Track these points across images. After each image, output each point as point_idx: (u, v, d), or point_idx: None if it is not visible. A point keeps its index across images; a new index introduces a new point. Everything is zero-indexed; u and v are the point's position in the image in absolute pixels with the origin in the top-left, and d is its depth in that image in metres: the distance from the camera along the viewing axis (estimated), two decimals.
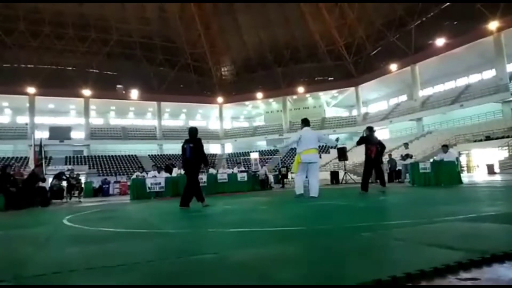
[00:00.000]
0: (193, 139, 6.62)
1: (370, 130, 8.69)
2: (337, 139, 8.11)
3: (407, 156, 15.03)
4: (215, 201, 8.14)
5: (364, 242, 2.42)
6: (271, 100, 52.19)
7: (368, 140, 8.40)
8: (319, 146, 8.66)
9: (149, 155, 43.93)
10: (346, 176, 18.54)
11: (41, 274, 1.91)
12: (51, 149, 37.33)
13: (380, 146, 8.40)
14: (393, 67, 40.17)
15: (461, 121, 34.61)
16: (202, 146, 6.61)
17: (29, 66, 42.06)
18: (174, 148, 46.26)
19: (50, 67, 42.96)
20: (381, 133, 44.50)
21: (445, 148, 11.83)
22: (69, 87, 41.76)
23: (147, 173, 14.72)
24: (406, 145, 16.78)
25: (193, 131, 6.73)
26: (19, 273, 1.98)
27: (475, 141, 28.30)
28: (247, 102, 53.12)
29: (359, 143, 8.79)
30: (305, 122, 7.50)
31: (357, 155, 33.12)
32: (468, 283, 1.38)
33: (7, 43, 39.89)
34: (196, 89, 49.76)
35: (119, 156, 42.82)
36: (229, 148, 53.04)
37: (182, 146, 6.67)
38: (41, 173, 11.56)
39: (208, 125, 55.77)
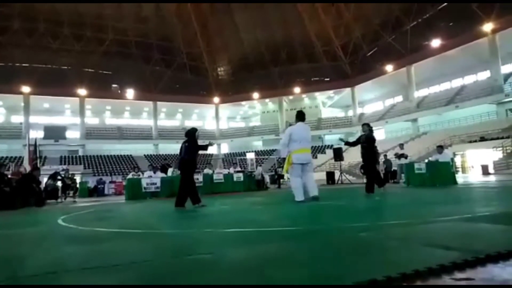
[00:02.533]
0: (190, 138, 6.79)
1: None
2: None
3: (402, 155, 15.10)
4: (211, 201, 8.12)
5: (360, 242, 2.43)
6: (267, 100, 52.22)
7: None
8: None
9: (144, 155, 43.80)
10: (341, 177, 18.59)
11: (36, 274, 1.90)
12: (46, 148, 37.10)
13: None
14: (389, 67, 40.33)
15: (456, 122, 34.83)
16: (195, 141, 6.80)
17: (24, 65, 41.74)
18: (170, 148, 46.15)
19: (45, 66, 42.67)
20: (377, 134, 44.65)
21: (440, 148, 11.89)
22: (64, 86, 41.53)
23: (142, 173, 14.67)
24: (401, 145, 16.92)
25: (188, 131, 6.96)
26: (13, 273, 1.97)
27: (470, 142, 28.47)
28: (243, 102, 53.12)
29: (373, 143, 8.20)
30: (300, 116, 6.45)
31: (353, 156, 33.25)
32: (463, 283, 1.39)
33: (1, 42, 39.56)
34: (192, 89, 49.66)
35: (114, 156, 42.65)
36: (225, 148, 53.00)
37: (180, 147, 6.86)
38: (38, 175, 11.47)
39: (204, 125, 55.67)
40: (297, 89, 48.52)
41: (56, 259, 2.35)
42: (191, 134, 6.85)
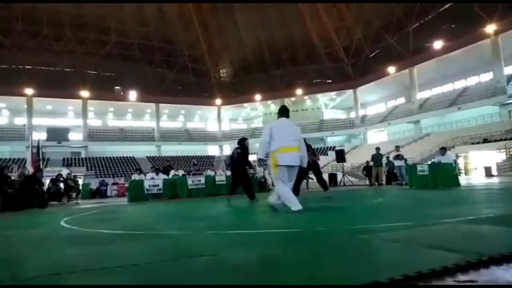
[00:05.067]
0: (241, 146, 8.28)
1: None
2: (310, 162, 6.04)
3: (397, 157, 15.17)
4: (213, 203, 8.13)
5: (362, 244, 2.42)
6: (269, 102, 52.21)
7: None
8: None
9: (147, 156, 43.85)
10: (344, 178, 18.55)
11: (39, 275, 1.91)
12: (49, 150, 37.20)
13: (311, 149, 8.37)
14: (391, 69, 40.27)
15: (458, 123, 34.72)
16: (246, 149, 8.28)
17: (27, 67, 41.93)
18: (172, 149, 46.22)
19: (48, 68, 42.86)
20: (379, 135, 44.66)
21: (443, 150, 11.84)
22: (67, 88, 41.69)
23: (145, 175, 14.69)
24: (397, 147, 17.07)
25: (240, 140, 8.43)
26: (16, 274, 1.98)
27: (472, 143, 28.36)
28: (245, 104, 53.17)
29: None
30: (282, 112, 5.30)
31: (355, 157, 33.25)
32: (466, 285, 1.38)
33: (4, 44, 39.79)
34: (195, 90, 49.76)
35: (117, 157, 42.74)
36: (227, 149, 52.98)
37: (232, 151, 8.75)
38: (41, 177, 11.54)
39: (207, 126, 55.78)
40: (299, 91, 48.52)
41: (59, 261, 2.36)
42: (242, 143, 8.30)
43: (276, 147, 4.78)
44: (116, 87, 46.75)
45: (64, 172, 16.81)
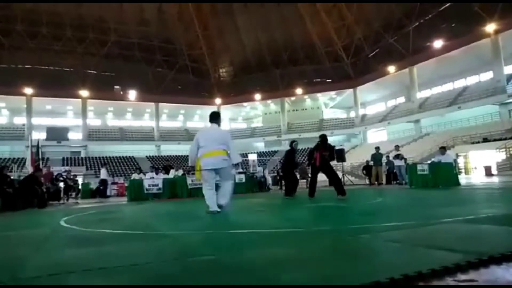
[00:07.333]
0: (290, 148, 9.60)
1: (321, 137, 8.27)
2: (237, 164, 5.78)
3: (397, 156, 15.21)
4: None
5: (362, 244, 2.42)
6: (269, 101, 52.20)
7: (314, 149, 8.13)
8: None
9: (146, 156, 43.84)
10: (344, 178, 18.52)
11: (38, 275, 1.90)
12: (48, 150, 37.18)
13: (329, 151, 8.01)
14: (391, 69, 40.21)
15: (458, 123, 34.70)
16: (293, 153, 9.49)
17: (26, 66, 41.92)
18: (172, 149, 46.15)
19: (47, 68, 42.84)
20: (379, 135, 44.66)
21: (442, 150, 11.85)
22: (66, 88, 41.64)
23: (144, 175, 14.69)
24: (397, 147, 17.14)
25: (290, 143, 9.71)
26: (16, 274, 1.97)
27: (472, 143, 28.37)
28: (245, 104, 53.12)
29: (310, 156, 8.29)
30: (211, 118, 5.78)
31: (355, 157, 33.26)
32: (466, 284, 1.38)
33: (4, 44, 39.77)
34: (194, 90, 49.72)
35: (116, 157, 42.71)
36: None
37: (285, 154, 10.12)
38: (41, 177, 11.54)
39: (206, 126, 55.69)
40: (299, 90, 48.44)
41: (58, 261, 2.36)
42: (290, 145, 9.61)
43: (201, 153, 5.26)
44: (116, 87, 46.70)
45: (103, 173, 17.06)
